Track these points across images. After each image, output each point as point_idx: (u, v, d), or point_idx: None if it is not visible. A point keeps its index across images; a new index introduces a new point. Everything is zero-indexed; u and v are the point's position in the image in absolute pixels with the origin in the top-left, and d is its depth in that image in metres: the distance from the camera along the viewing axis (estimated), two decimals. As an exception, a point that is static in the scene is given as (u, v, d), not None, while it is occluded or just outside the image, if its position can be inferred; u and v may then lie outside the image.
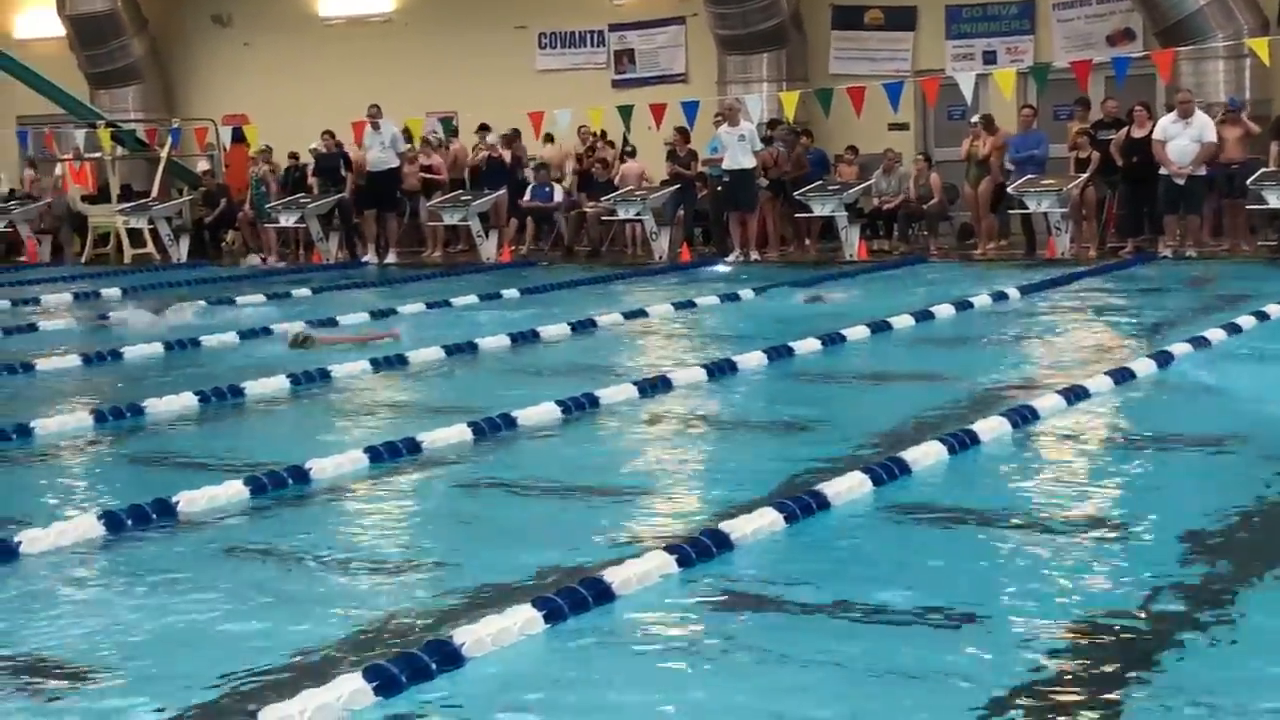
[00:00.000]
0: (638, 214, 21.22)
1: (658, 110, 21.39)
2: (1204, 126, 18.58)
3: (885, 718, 4.69)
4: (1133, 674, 4.95)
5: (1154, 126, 18.83)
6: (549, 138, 22.91)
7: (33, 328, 15.51)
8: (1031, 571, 6.22)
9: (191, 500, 7.53)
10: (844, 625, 5.61)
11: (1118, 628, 5.44)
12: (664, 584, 6.08)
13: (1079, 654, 5.20)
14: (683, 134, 21.57)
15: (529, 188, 22.47)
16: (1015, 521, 7.03)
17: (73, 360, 12.96)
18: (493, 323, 14.55)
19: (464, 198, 22.19)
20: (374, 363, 12.13)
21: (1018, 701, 4.76)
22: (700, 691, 5.03)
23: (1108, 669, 5.03)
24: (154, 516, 7.31)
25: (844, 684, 4.98)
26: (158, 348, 13.43)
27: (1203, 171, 18.62)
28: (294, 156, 23.74)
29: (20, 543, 6.83)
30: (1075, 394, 9.77)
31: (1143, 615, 5.55)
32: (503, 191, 22.24)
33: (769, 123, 21.41)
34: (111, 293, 18.59)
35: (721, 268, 19.85)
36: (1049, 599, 5.83)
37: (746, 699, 4.93)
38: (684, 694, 5.02)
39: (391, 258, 22.18)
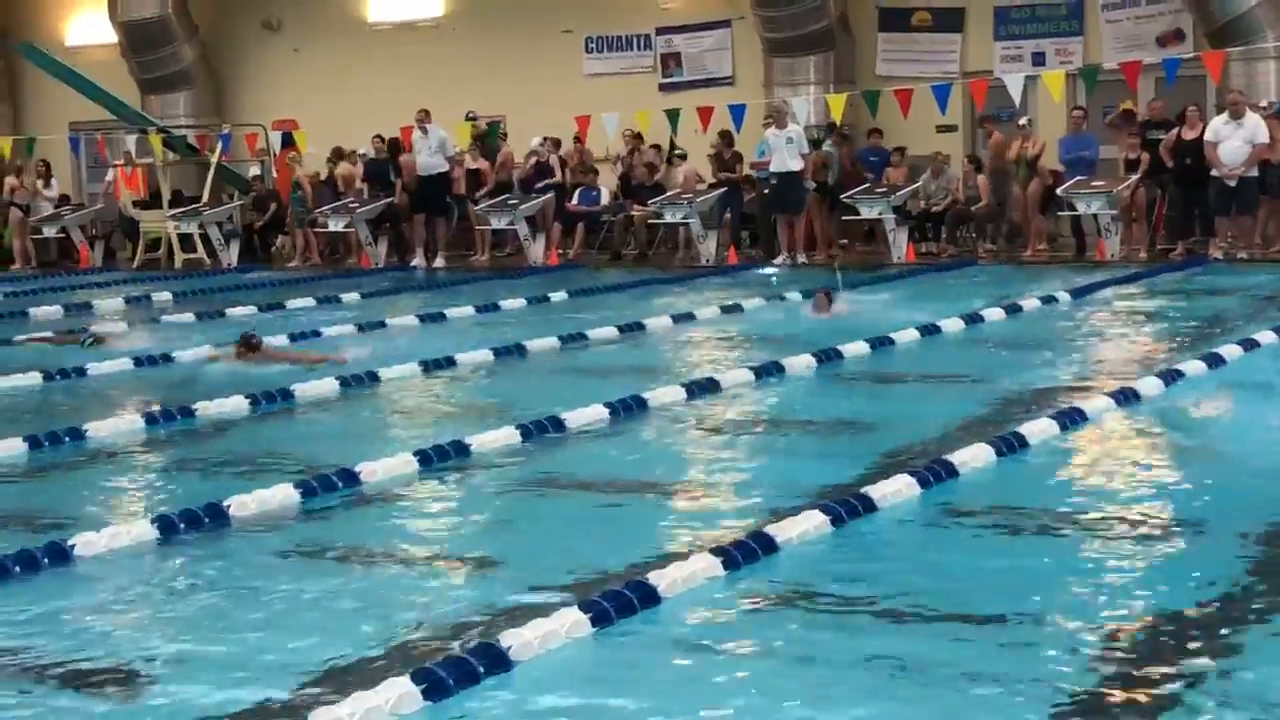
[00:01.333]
0: (684, 217, 21.22)
1: (705, 113, 21.38)
2: (1256, 127, 18.49)
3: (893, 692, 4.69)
4: (1185, 679, 4.92)
5: (1205, 128, 18.76)
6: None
7: (88, 335, 15.59)
8: (1085, 574, 6.19)
9: (242, 504, 7.57)
10: (889, 628, 5.60)
11: (1169, 631, 5.41)
12: (710, 587, 6.08)
13: (1128, 657, 5.18)
14: (726, 137, 21.55)
15: (576, 191, 22.48)
16: (1064, 524, 7.01)
17: (121, 363, 13.03)
18: (541, 325, 14.55)
19: (511, 201, 22.21)
20: (424, 365, 12.16)
21: (1070, 706, 4.75)
22: (745, 697, 5.03)
23: (1159, 672, 5.01)
24: (206, 520, 7.35)
25: (887, 687, 4.98)
26: (204, 351, 13.49)
27: (1254, 173, 18.53)
28: (337, 157, 23.79)
29: (72, 545, 6.88)
30: (1125, 396, 9.74)
31: (1196, 617, 5.52)
32: (550, 195, 22.27)
33: (827, 126, 21.36)
34: (163, 296, 18.70)
35: (769, 270, 19.83)
36: (1100, 601, 5.81)
37: (792, 704, 4.92)
38: (730, 699, 5.02)
39: (440, 261, 22.23)
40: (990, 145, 20.91)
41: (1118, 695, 4.82)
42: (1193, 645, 5.24)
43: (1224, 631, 5.37)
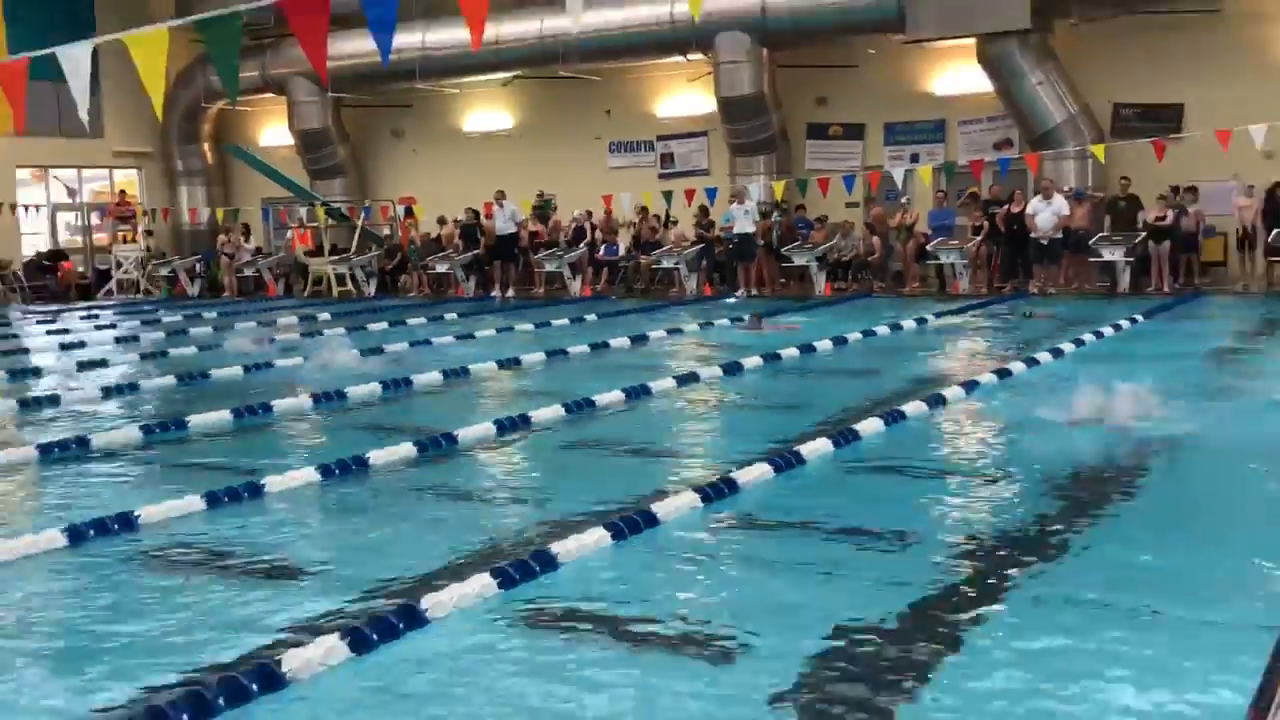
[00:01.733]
0: (675, 263, 21.24)
1: (689, 194, 21.44)
2: (1061, 204, 18.57)
3: (842, 599, 4.69)
4: (1017, 570, 4.95)
5: (1026, 205, 18.86)
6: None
7: (272, 340, 15.65)
8: (944, 505, 6.20)
9: (378, 456, 7.59)
10: (814, 541, 5.62)
11: (1002, 543, 5.42)
12: (694, 514, 6.10)
13: (974, 560, 5.19)
14: (704, 211, 21.63)
15: (603, 246, 22.51)
16: (930, 471, 7.03)
17: (297, 360, 13.07)
18: (578, 336, 14.57)
19: (559, 252, 22.23)
20: (499, 363, 12.17)
21: (935, 591, 4.76)
22: (723, 587, 5.06)
23: (999, 571, 5.02)
24: (354, 466, 7.37)
25: (812, 579, 5.00)
26: (355, 353, 13.51)
27: (1059, 235, 18.58)
28: (441, 222, 23.83)
29: (263, 483, 6.90)
30: (970, 386, 9.74)
31: (1018, 535, 5.54)
32: (584, 249, 22.29)
33: (773, 203, 21.33)
34: (324, 316, 18.74)
35: (732, 300, 19.83)
36: (956, 524, 5.83)
37: (746, 589, 4.95)
38: (710, 588, 5.04)
39: (510, 293, 22.25)
40: (872, 216, 20.88)
41: (970, 589, 4.84)
42: (1016, 551, 5.26)
43: (1037, 538, 5.39)
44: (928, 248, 19.73)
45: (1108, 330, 13.28)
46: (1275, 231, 17.78)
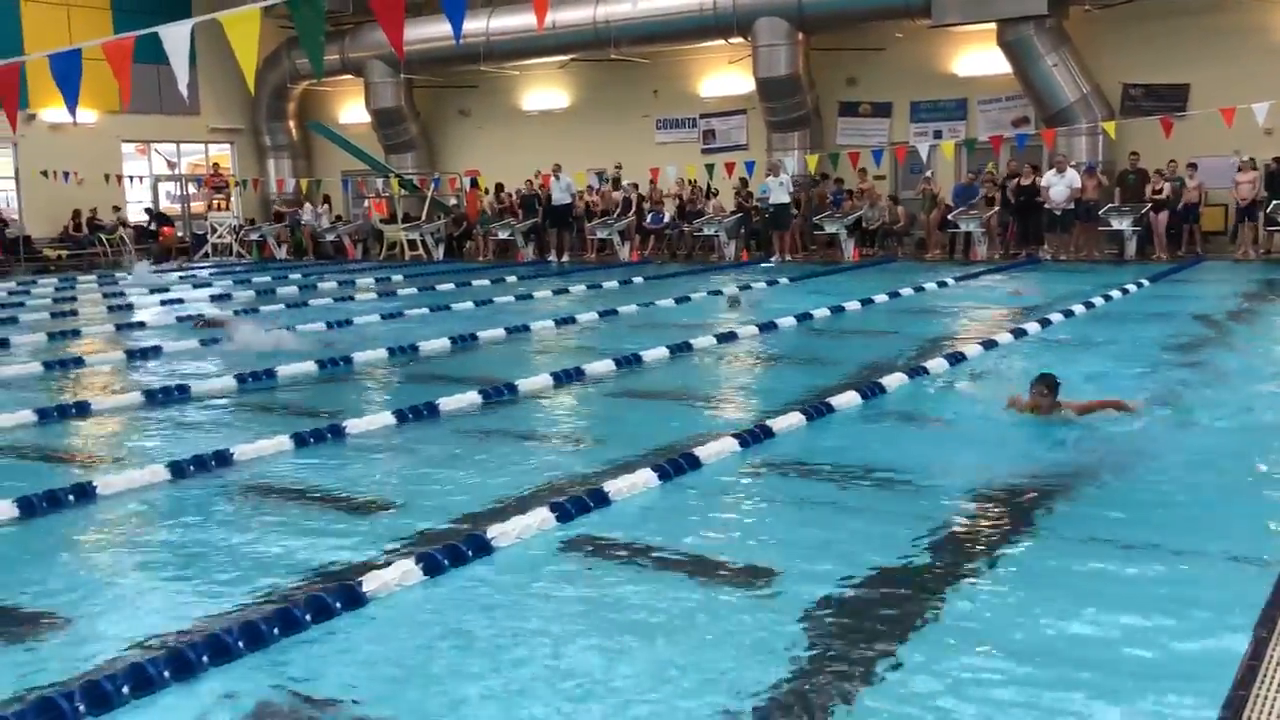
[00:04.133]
0: (716, 231, 21.14)
1: (729, 167, 21.30)
2: (1074, 177, 18.27)
3: (870, 534, 4.69)
4: (1031, 518, 4.92)
5: (1035, 178, 18.62)
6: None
7: (352, 298, 15.77)
8: (957, 448, 6.18)
9: (447, 402, 7.65)
10: (842, 482, 5.61)
11: (1020, 487, 5.39)
12: (733, 457, 6.13)
13: (987, 502, 5.17)
14: (743, 183, 21.48)
15: (650, 214, 22.42)
16: (946, 422, 6.99)
17: (373, 317, 13.16)
18: (627, 297, 14.56)
19: (609, 221, 22.18)
20: (556, 321, 12.20)
21: (940, 534, 4.75)
22: (759, 522, 5.07)
23: (1008, 519, 5.00)
24: (425, 412, 7.43)
25: (842, 515, 5.00)
26: (424, 310, 13.58)
27: (1071, 206, 18.31)
28: (500, 188, 23.83)
29: (344, 426, 6.98)
30: (989, 344, 9.66)
31: (1033, 479, 5.50)
32: (633, 216, 22.23)
33: (814, 176, 21.16)
34: (398, 278, 18.84)
35: (767, 265, 19.72)
36: (978, 468, 5.80)
37: (780, 524, 4.96)
38: (748, 523, 5.06)
39: (566, 258, 22.24)
40: (920, 191, 20.68)
41: (963, 522, 4.82)
42: (1032, 495, 5.23)
43: (1055, 482, 5.35)
44: (949, 217, 19.53)
45: (1116, 294, 13.12)
46: (1275, 203, 17.44)
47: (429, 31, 22.29)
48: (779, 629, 3.77)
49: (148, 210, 26.82)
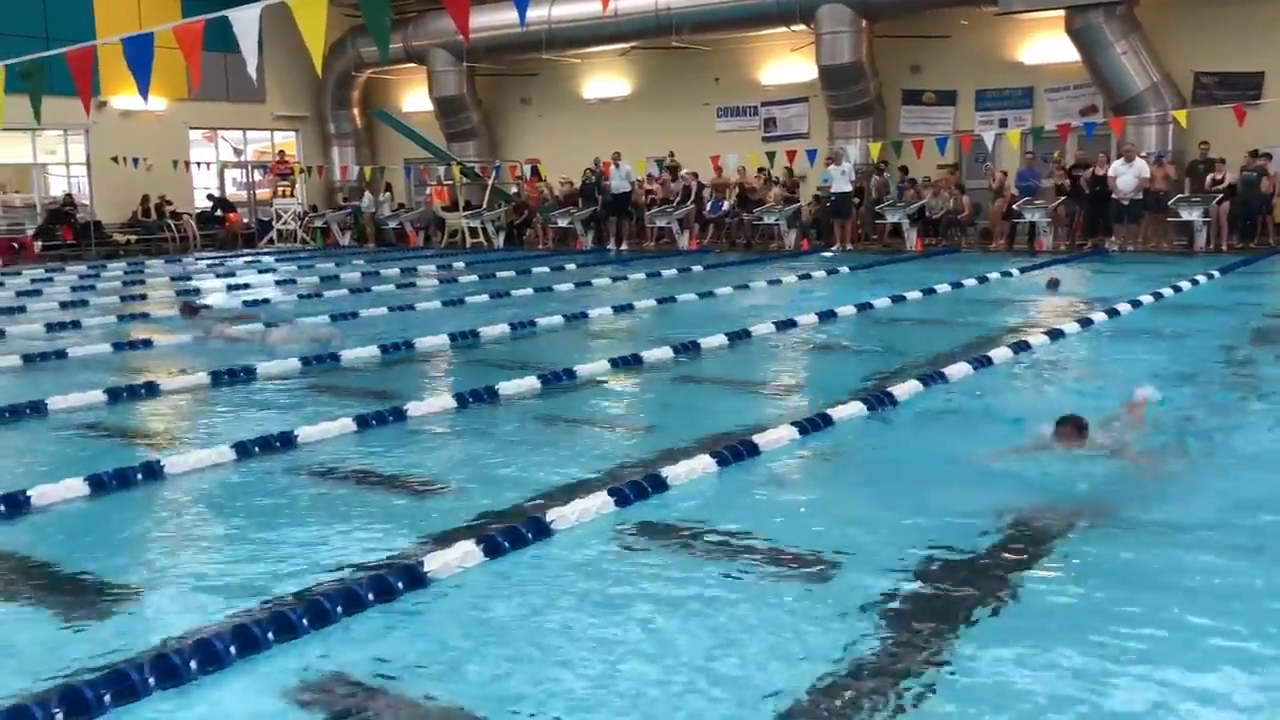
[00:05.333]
0: (776, 220, 21.05)
1: (790, 155, 21.20)
2: (1142, 167, 17.95)
3: (929, 524, 4.65)
4: (1104, 508, 4.85)
5: (1109, 168, 18.28)
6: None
7: (413, 285, 15.89)
8: (1022, 438, 6.08)
9: (507, 388, 7.70)
10: (901, 472, 5.57)
11: (1092, 474, 5.32)
12: (790, 445, 6.09)
13: (1045, 491, 5.11)
14: (789, 172, 21.46)
15: (709, 203, 22.36)
16: (1010, 411, 6.89)
17: (435, 303, 13.26)
18: (685, 285, 14.53)
19: (668, 209, 22.15)
20: (614, 308, 12.21)
21: (1007, 521, 4.69)
22: (817, 510, 5.05)
23: (1085, 501, 4.93)
24: (485, 396, 7.49)
25: (900, 504, 4.96)
26: (485, 297, 13.66)
27: (1140, 196, 17.99)
28: (566, 183, 23.88)
29: (406, 409, 7.05)
30: (1055, 334, 9.54)
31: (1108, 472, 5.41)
32: (692, 205, 22.18)
33: (876, 165, 21.02)
34: (459, 265, 18.95)
35: (827, 254, 19.59)
36: (1042, 461, 5.72)
37: (839, 513, 4.94)
38: (806, 511, 5.05)
39: (624, 246, 22.25)
40: (994, 182, 20.42)
41: (1030, 514, 4.75)
42: (1105, 486, 5.15)
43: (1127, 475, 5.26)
44: (1014, 206, 19.26)
45: (1185, 284, 12.87)
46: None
47: (492, 19, 22.42)
48: (837, 618, 3.75)
49: (211, 197, 27.23)
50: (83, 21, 22.11)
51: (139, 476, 5.64)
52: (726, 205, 22.29)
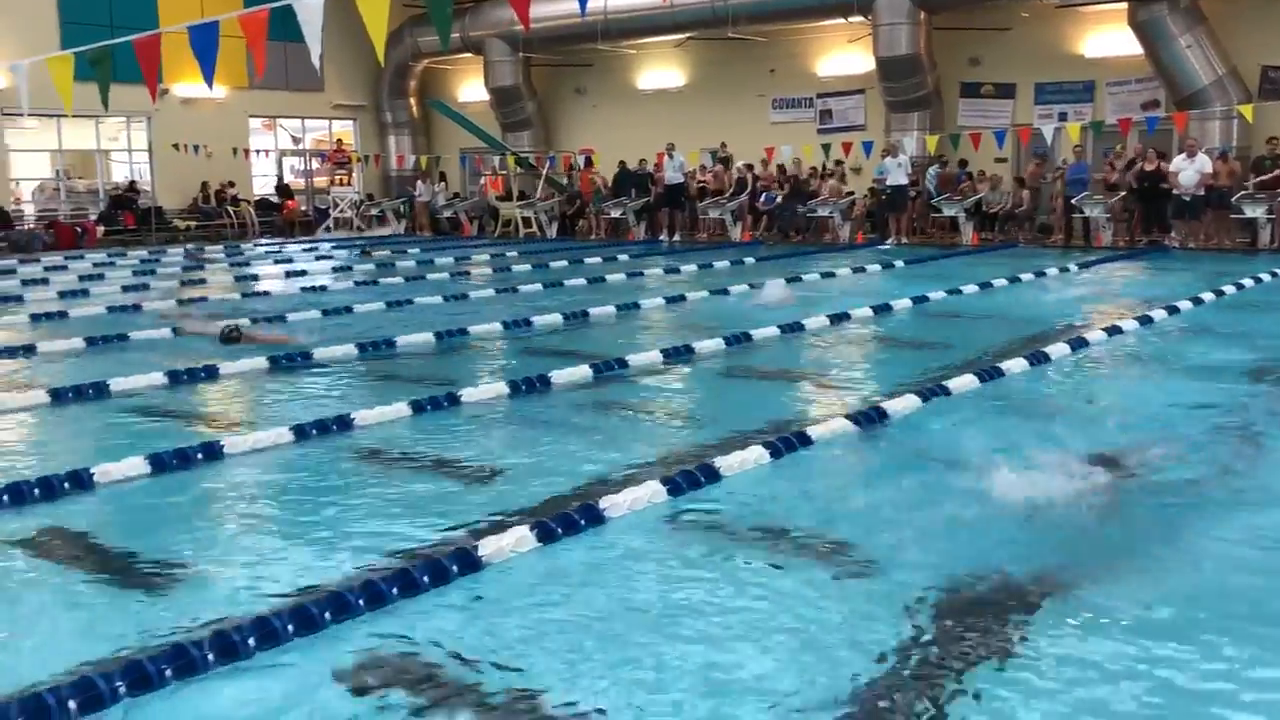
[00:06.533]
0: (830, 212, 20.92)
1: (846, 147, 21.06)
2: (1204, 162, 17.64)
3: (985, 523, 4.61)
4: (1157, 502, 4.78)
5: (1159, 163, 18.00)
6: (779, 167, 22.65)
7: (467, 274, 15.98)
8: (1087, 440, 5.99)
9: (560, 376, 7.72)
10: (958, 468, 5.50)
11: (1148, 465, 5.24)
12: (845, 437, 6.06)
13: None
14: (838, 164, 21.30)
15: (762, 195, 22.26)
16: (1066, 408, 6.81)
17: (489, 291, 13.32)
18: (737, 277, 14.49)
19: (721, 201, 22.09)
20: (666, 299, 12.20)
21: (1060, 520, 4.63)
22: (870, 503, 5.02)
23: (1137, 500, 4.86)
24: (538, 385, 7.51)
25: (956, 502, 4.91)
26: (538, 286, 13.71)
27: (1201, 192, 17.67)
28: (622, 166, 23.91)
29: (460, 395, 7.10)
30: (1113, 330, 9.40)
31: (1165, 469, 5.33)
32: (745, 197, 22.10)
33: (935, 158, 20.84)
34: (512, 254, 19.02)
35: (883, 247, 19.44)
36: (1102, 458, 5.64)
37: (892, 507, 4.91)
38: (859, 504, 5.02)
39: (677, 237, 22.23)
40: (1028, 173, 20.25)
41: (1108, 517, 4.69)
42: (1159, 486, 5.07)
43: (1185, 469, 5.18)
44: (1073, 201, 19.00)
45: (1249, 282, 12.63)
46: None
47: (548, 10, 22.46)
48: (887, 615, 3.72)
49: (277, 184, 27.58)
50: (146, 9, 22.44)
51: (199, 456, 5.72)
52: (779, 197, 22.19)
